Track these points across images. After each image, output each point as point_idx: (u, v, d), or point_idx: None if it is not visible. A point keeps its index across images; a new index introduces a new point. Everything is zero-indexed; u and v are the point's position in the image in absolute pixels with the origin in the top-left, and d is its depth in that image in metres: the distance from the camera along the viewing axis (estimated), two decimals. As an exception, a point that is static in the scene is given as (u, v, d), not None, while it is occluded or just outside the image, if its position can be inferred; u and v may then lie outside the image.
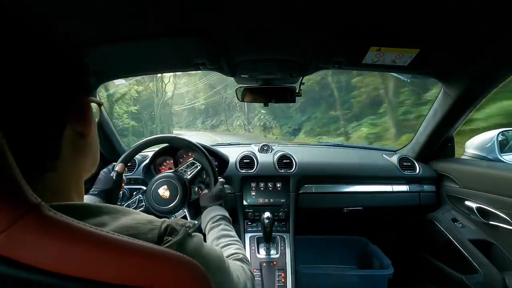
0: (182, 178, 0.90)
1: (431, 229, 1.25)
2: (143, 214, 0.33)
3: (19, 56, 0.27)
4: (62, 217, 0.23)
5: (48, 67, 0.29)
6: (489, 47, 0.78)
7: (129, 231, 0.28)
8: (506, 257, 0.99)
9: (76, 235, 0.23)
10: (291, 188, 1.24)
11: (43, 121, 0.28)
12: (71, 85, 0.32)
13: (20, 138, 0.26)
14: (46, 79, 0.29)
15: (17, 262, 0.21)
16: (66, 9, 0.58)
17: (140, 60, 0.93)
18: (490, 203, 1.00)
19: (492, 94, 1.00)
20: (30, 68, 0.27)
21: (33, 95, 0.27)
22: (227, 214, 0.75)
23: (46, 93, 0.29)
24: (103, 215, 0.29)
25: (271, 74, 1.03)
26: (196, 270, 0.28)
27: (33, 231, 0.22)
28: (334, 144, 1.65)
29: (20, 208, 0.21)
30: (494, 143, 1.13)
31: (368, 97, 7.97)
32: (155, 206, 0.87)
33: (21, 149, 0.26)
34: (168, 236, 0.30)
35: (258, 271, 1.06)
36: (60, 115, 0.31)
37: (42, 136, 0.29)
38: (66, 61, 0.32)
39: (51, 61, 0.30)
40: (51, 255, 0.22)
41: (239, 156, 1.31)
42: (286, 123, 11.86)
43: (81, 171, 0.36)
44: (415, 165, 1.30)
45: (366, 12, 0.64)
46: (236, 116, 17.32)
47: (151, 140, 0.98)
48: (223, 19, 0.67)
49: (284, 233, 1.19)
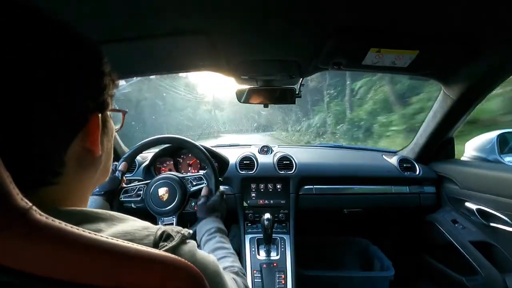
0: (185, 187, 0.91)
1: (431, 231, 1.25)
2: (139, 221, 0.33)
3: (32, 57, 0.25)
4: (54, 221, 0.23)
5: (62, 78, 0.27)
6: (489, 48, 0.78)
7: (126, 237, 0.28)
8: (506, 259, 0.99)
9: (68, 239, 0.23)
10: (291, 189, 1.24)
11: (45, 134, 0.27)
12: (84, 101, 0.30)
13: (18, 149, 0.25)
14: (56, 91, 0.27)
15: (8, 268, 0.21)
16: (65, 8, 0.58)
17: (139, 61, 0.93)
18: (490, 204, 1.00)
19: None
20: (40, 74, 0.26)
21: (39, 105, 0.26)
22: (223, 227, 0.75)
23: (53, 106, 0.27)
24: (100, 222, 0.29)
25: (271, 75, 1.03)
26: (193, 274, 0.28)
27: (22, 236, 0.21)
28: (334, 145, 1.65)
29: (8, 214, 0.21)
30: (494, 144, 1.13)
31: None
32: (150, 203, 0.89)
33: (18, 161, 0.25)
34: (164, 241, 0.30)
35: (258, 272, 1.06)
36: (65, 130, 0.29)
37: (43, 149, 0.27)
38: (84, 75, 0.30)
39: (67, 71, 0.28)
40: (42, 261, 0.22)
41: (239, 157, 1.31)
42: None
43: (87, 185, 0.35)
44: (415, 166, 1.29)
45: (366, 13, 0.64)
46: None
47: (153, 140, 0.99)
48: (223, 20, 0.67)
49: (285, 235, 1.19)
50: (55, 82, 0.26)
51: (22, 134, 0.25)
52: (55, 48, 0.27)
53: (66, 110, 0.28)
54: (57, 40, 0.28)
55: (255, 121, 19.50)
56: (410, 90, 5.81)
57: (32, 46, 0.25)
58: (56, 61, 0.27)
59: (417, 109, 5.21)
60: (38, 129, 0.26)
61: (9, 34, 0.24)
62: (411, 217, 1.40)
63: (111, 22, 0.66)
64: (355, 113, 8.55)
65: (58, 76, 0.27)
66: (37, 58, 0.25)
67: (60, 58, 0.27)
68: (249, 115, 19.21)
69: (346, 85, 9.32)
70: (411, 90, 5.79)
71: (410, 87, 5.84)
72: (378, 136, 6.67)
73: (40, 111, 0.26)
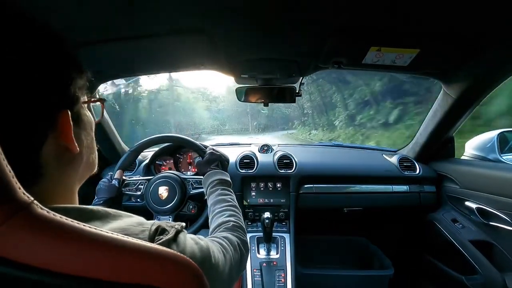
0: (185, 188, 0.92)
1: (431, 230, 1.25)
2: (134, 217, 0.34)
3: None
4: (55, 215, 0.23)
5: (28, 71, 0.26)
6: (489, 47, 0.77)
7: (122, 233, 0.28)
8: (506, 258, 0.99)
9: (69, 233, 0.23)
10: (291, 188, 1.24)
11: (15, 132, 0.26)
12: (47, 98, 0.28)
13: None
14: (23, 85, 0.26)
15: (10, 260, 0.21)
16: (65, 7, 0.58)
17: (139, 60, 0.93)
18: (490, 203, 1.00)
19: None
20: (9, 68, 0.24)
21: (6, 100, 0.24)
22: (225, 176, 0.76)
23: (19, 101, 0.25)
24: (95, 221, 0.30)
25: (271, 74, 1.03)
26: (190, 266, 0.29)
27: (25, 229, 0.22)
28: (334, 144, 1.65)
29: (11, 206, 0.21)
30: (494, 144, 1.13)
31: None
32: (149, 200, 0.90)
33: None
34: (159, 235, 0.31)
35: (258, 271, 1.06)
36: (32, 131, 0.27)
37: (16, 149, 0.26)
38: (50, 66, 0.28)
39: (34, 63, 0.27)
40: (43, 253, 0.22)
41: (239, 156, 1.31)
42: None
43: (72, 181, 0.35)
44: (415, 166, 1.29)
45: (366, 12, 0.64)
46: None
47: (152, 140, 0.99)
48: (223, 19, 0.67)
49: (284, 234, 1.19)
50: (9, 78, 0.25)
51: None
52: (7, 40, 0.25)
53: (28, 108, 0.26)
54: (9, 31, 0.26)
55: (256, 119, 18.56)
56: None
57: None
58: (9, 54, 0.25)
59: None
60: (4, 131, 0.25)
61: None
62: (411, 216, 1.40)
63: (111, 21, 0.66)
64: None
65: (12, 71, 0.25)
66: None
67: (14, 50, 0.25)
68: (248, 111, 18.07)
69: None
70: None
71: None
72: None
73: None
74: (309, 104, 12.86)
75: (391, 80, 7.70)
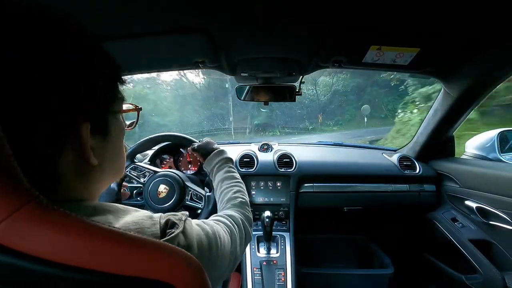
0: (184, 195, 0.92)
1: (431, 229, 1.25)
2: (140, 211, 0.35)
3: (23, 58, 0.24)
4: (60, 209, 0.24)
5: (50, 81, 0.26)
6: (490, 46, 0.77)
7: (135, 226, 0.30)
8: (506, 257, 0.99)
9: (74, 226, 0.24)
10: (291, 187, 1.24)
11: (34, 138, 0.25)
12: (69, 108, 0.27)
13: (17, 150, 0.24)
14: (42, 95, 0.25)
15: (17, 251, 0.22)
16: (64, 7, 0.58)
17: (139, 59, 0.93)
18: (490, 203, 1.00)
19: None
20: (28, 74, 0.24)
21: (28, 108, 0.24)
22: (227, 155, 0.79)
23: (38, 110, 0.25)
24: (108, 214, 0.31)
25: (271, 72, 1.03)
26: (193, 262, 0.30)
27: (32, 220, 0.22)
28: (334, 143, 1.65)
29: (19, 198, 0.22)
30: (494, 143, 1.13)
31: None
32: (147, 195, 0.90)
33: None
34: (170, 229, 0.33)
35: (258, 270, 1.06)
36: (49, 140, 0.27)
37: (33, 157, 0.26)
38: (72, 75, 0.27)
39: (55, 71, 0.26)
40: (50, 245, 0.22)
41: (239, 155, 1.31)
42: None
43: (90, 191, 0.33)
44: (415, 165, 1.29)
45: (366, 11, 0.63)
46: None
47: (153, 139, 0.99)
48: (223, 17, 0.67)
49: (284, 232, 1.19)
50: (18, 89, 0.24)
51: (20, 144, 0.24)
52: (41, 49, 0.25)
53: (42, 122, 0.26)
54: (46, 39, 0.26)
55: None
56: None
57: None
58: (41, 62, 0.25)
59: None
60: (25, 138, 0.25)
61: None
62: (410, 215, 1.40)
63: (110, 20, 0.66)
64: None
65: (35, 81, 0.24)
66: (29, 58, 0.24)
67: (46, 59, 0.25)
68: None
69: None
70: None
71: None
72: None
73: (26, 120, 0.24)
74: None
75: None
